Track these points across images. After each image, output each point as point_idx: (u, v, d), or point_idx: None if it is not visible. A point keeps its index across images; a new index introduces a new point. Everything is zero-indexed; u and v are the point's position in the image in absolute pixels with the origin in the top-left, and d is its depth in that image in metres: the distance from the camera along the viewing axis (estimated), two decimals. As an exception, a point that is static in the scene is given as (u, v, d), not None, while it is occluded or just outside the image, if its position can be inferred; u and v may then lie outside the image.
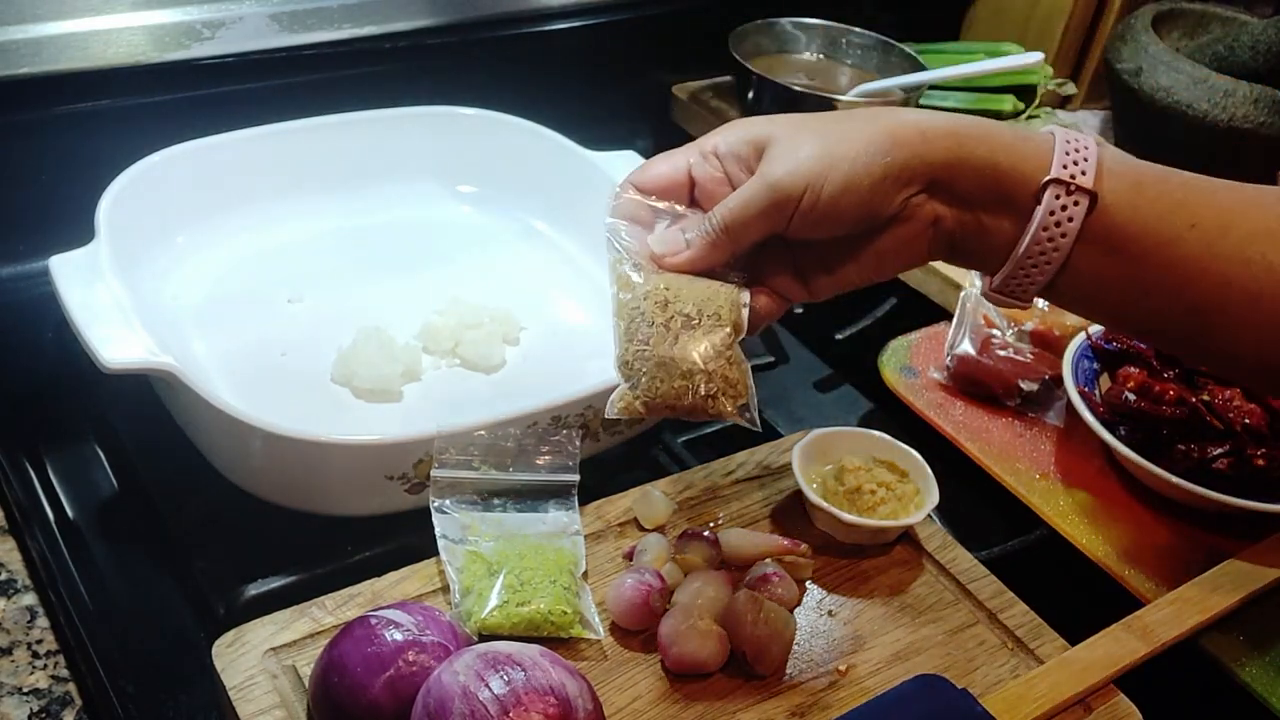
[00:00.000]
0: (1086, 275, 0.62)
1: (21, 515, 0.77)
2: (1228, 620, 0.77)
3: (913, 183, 0.61)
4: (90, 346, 0.75)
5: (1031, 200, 0.61)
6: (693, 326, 0.63)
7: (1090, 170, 0.61)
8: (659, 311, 0.63)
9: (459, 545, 0.71)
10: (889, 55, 1.27)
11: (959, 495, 0.84)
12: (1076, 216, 0.60)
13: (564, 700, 0.58)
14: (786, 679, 0.69)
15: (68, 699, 0.63)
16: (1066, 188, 0.60)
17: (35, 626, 0.66)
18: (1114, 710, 0.70)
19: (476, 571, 0.70)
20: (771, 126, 0.63)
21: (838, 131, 0.61)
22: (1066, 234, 0.61)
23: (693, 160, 0.66)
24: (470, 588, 0.69)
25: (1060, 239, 0.61)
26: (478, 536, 0.72)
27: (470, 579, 0.69)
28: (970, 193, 0.62)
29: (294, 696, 0.64)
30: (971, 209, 0.62)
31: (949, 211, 0.62)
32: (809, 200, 0.60)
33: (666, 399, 0.63)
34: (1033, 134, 0.63)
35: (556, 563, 0.70)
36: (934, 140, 0.61)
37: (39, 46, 0.93)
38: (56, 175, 0.99)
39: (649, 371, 0.63)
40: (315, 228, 1.04)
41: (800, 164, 0.60)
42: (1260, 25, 1.28)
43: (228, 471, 0.80)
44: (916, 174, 0.61)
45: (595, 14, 1.21)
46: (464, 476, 0.74)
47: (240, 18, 1.01)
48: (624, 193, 0.67)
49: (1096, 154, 0.61)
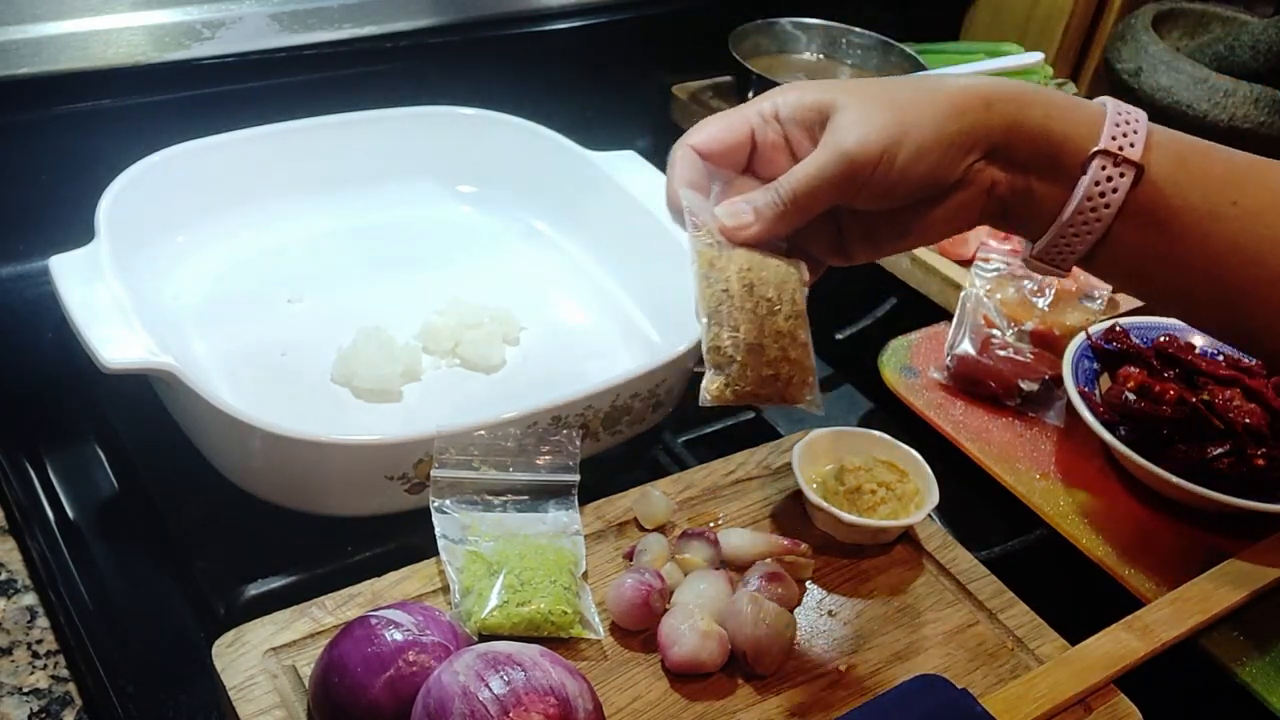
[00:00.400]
0: (1126, 247, 0.62)
1: (21, 515, 0.77)
2: (1228, 620, 0.77)
3: (975, 149, 0.60)
4: (90, 346, 0.75)
5: (1079, 169, 0.61)
6: (775, 312, 0.61)
7: (1139, 143, 0.60)
8: (747, 295, 0.61)
9: (459, 545, 0.71)
10: (889, 55, 1.27)
11: (959, 495, 0.84)
12: (1121, 188, 0.60)
13: (564, 700, 0.58)
14: (786, 679, 0.69)
15: (68, 699, 0.63)
16: (1114, 159, 0.60)
17: (35, 626, 0.66)
18: (1114, 710, 0.70)
19: (476, 571, 0.70)
20: (836, 92, 0.62)
21: (904, 98, 0.60)
22: (1110, 205, 0.60)
23: (755, 123, 0.63)
24: (470, 588, 0.69)
25: (1104, 210, 0.61)
26: (478, 536, 0.72)
27: (470, 579, 0.69)
28: (1025, 158, 0.61)
29: (294, 696, 0.64)
30: (1025, 173, 0.62)
31: (1004, 176, 0.62)
32: (883, 169, 0.59)
33: (755, 388, 0.61)
34: (1085, 102, 0.63)
35: (557, 563, 0.70)
36: (996, 106, 0.60)
37: (39, 46, 0.93)
38: (56, 175, 0.99)
39: (741, 359, 0.60)
40: (315, 228, 1.04)
41: (873, 131, 0.59)
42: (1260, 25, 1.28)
43: (228, 471, 0.80)
44: (979, 140, 0.60)
45: (595, 14, 1.21)
46: (464, 476, 0.74)
47: (240, 18, 1.01)
48: (681, 156, 0.64)
49: (1146, 126, 0.61)
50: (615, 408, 0.83)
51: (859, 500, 0.78)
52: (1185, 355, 0.91)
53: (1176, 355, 0.91)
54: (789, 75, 1.25)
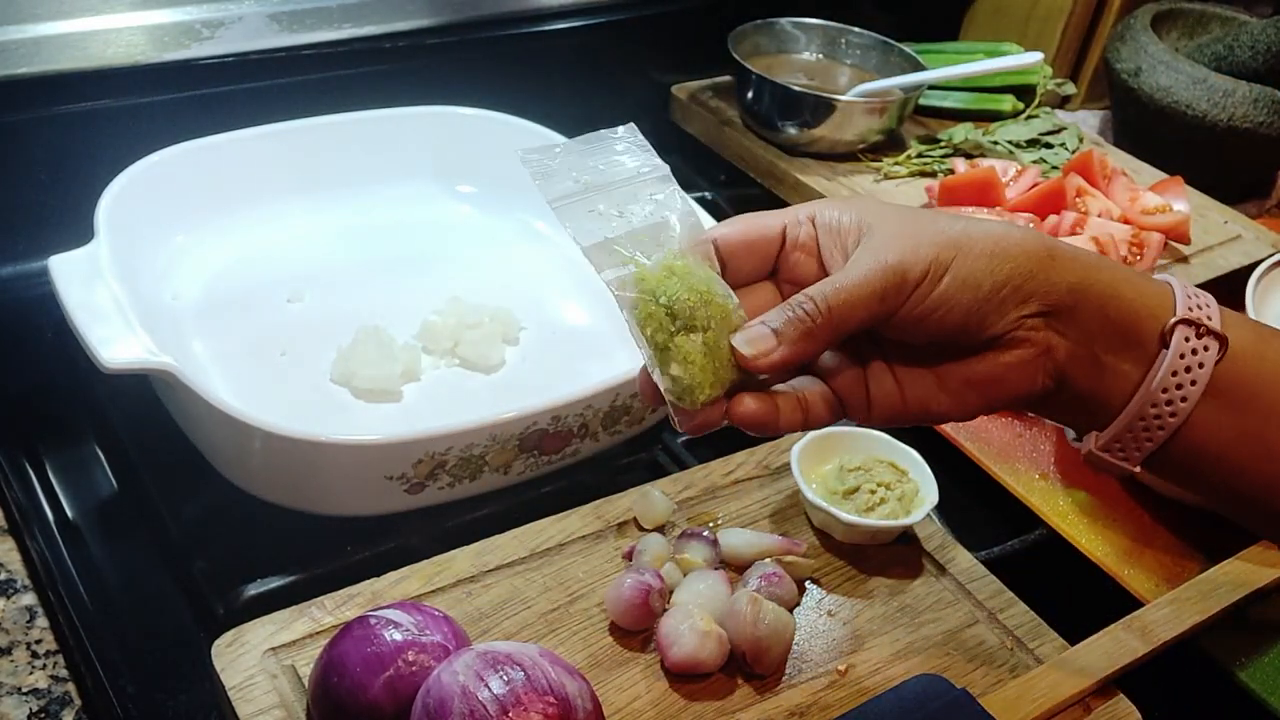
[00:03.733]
0: (1206, 434, 0.54)
1: (21, 515, 0.77)
2: (1227, 620, 0.77)
3: (1032, 299, 0.53)
4: (89, 346, 0.75)
5: (1156, 341, 0.54)
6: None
7: (1215, 314, 0.54)
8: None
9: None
10: (888, 55, 1.27)
11: (959, 495, 0.84)
12: (1207, 362, 0.53)
13: (563, 700, 0.58)
14: (786, 679, 0.69)
15: (67, 699, 0.63)
16: (1197, 329, 0.54)
17: (35, 626, 0.66)
18: (1114, 710, 0.70)
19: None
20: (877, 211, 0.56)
21: (955, 226, 0.55)
22: (1196, 381, 0.53)
23: (788, 220, 0.57)
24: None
25: (1190, 386, 0.53)
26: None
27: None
28: (1092, 325, 0.54)
29: (293, 696, 0.64)
30: (1089, 343, 0.54)
31: (1064, 343, 0.54)
32: (925, 288, 0.53)
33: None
34: (1148, 274, 0.57)
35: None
36: (1061, 261, 0.54)
37: (38, 46, 0.93)
38: (56, 175, 0.98)
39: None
40: (314, 227, 1.04)
41: (921, 246, 0.53)
42: (1260, 25, 1.28)
43: (227, 471, 0.80)
44: (1037, 291, 0.53)
45: (595, 14, 1.21)
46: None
47: (240, 18, 1.01)
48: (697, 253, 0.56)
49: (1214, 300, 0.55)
50: (615, 408, 0.83)
51: (858, 500, 0.78)
52: (1185, 355, 0.91)
53: (1176, 355, 0.91)
54: (789, 75, 1.25)
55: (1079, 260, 0.55)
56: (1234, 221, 1.21)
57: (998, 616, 0.75)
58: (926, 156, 1.22)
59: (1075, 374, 0.55)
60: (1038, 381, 0.55)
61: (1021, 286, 0.53)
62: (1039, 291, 0.53)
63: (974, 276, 0.53)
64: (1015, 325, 0.54)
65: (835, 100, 1.17)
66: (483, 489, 0.82)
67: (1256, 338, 0.55)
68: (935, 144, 1.25)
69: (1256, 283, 1.06)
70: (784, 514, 0.81)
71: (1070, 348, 0.54)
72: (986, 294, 0.53)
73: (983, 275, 0.53)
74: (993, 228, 0.54)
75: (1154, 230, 1.09)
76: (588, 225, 0.54)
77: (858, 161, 1.21)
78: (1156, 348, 0.54)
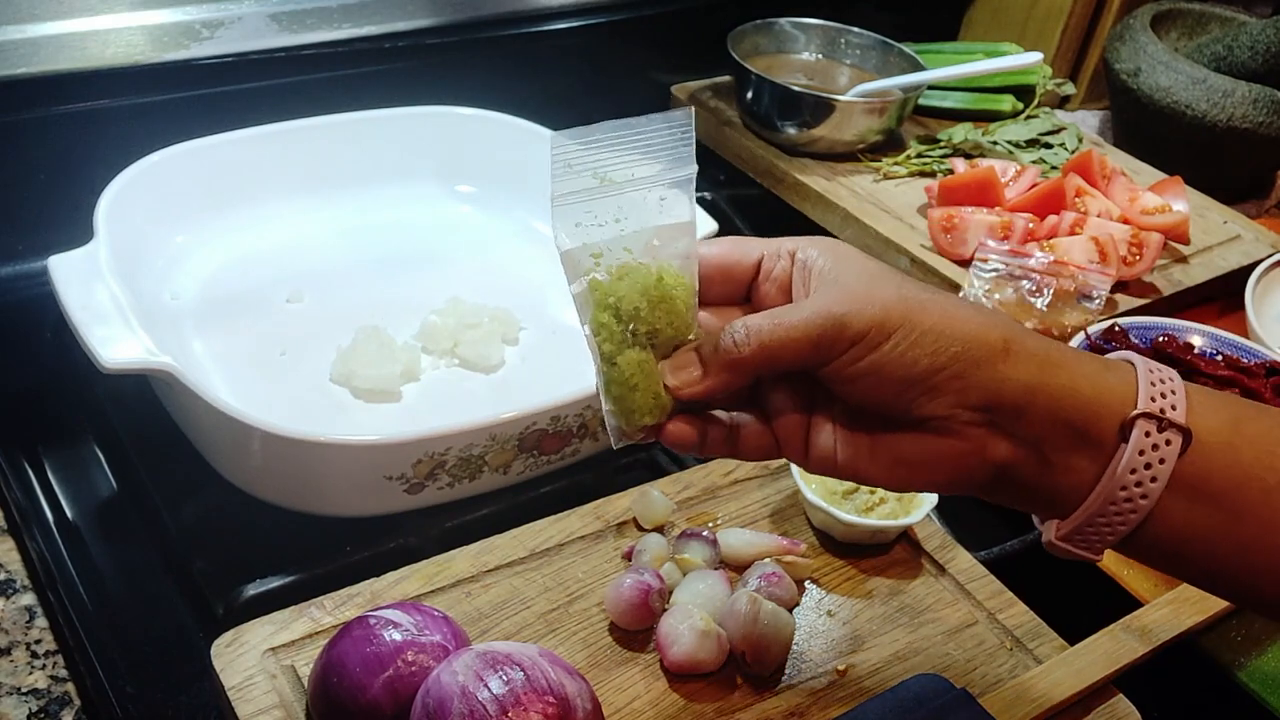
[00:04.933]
0: (1174, 527, 0.52)
1: (20, 515, 0.77)
2: (1227, 620, 0.77)
3: (968, 395, 0.52)
4: (89, 346, 0.75)
5: (1115, 435, 0.52)
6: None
7: (1180, 404, 0.52)
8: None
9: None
10: (888, 55, 1.27)
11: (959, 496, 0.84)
12: (1169, 458, 0.51)
13: (563, 700, 0.58)
14: (785, 679, 0.69)
15: (66, 699, 0.63)
16: (1158, 423, 0.51)
17: (34, 626, 0.66)
18: (1113, 710, 0.70)
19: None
20: (853, 259, 0.55)
21: (921, 295, 0.53)
22: (1157, 478, 0.51)
23: (766, 250, 0.56)
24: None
25: (1149, 483, 0.51)
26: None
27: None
28: (1039, 428, 0.52)
29: (293, 696, 0.64)
30: (1036, 445, 0.53)
31: (1004, 445, 0.53)
32: (862, 349, 0.51)
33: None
34: (1113, 361, 0.55)
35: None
36: (1017, 357, 0.52)
37: (37, 46, 0.93)
38: (56, 175, 0.98)
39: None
40: (315, 227, 1.04)
41: (871, 304, 0.52)
42: (1259, 25, 1.28)
43: (227, 471, 0.80)
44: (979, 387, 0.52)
45: (595, 14, 1.21)
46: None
47: (239, 18, 1.01)
48: (686, 267, 0.56)
49: (1183, 386, 0.53)
50: (614, 408, 0.83)
51: (858, 500, 0.78)
52: (1184, 355, 0.91)
53: (1175, 355, 0.91)
54: (788, 75, 1.25)
55: (1037, 358, 0.52)
56: (1233, 221, 1.21)
57: (997, 616, 0.75)
58: (926, 156, 1.22)
59: (1019, 473, 0.53)
60: (973, 476, 0.54)
61: (963, 374, 0.51)
62: (982, 385, 0.52)
63: (911, 353, 0.51)
64: (947, 415, 0.52)
65: (835, 100, 1.17)
66: (482, 489, 0.82)
67: (1231, 427, 0.53)
68: (935, 144, 1.25)
69: (1256, 283, 1.06)
70: (784, 514, 0.81)
71: (1012, 449, 0.53)
72: (921, 374, 0.51)
73: (921, 354, 0.51)
74: (954, 307, 0.53)
75: (1153, 230, 1.09)
76: (575, 228, 0.53)
77: (857, 161, 1.21)
78: (1115, 442, 0.52)
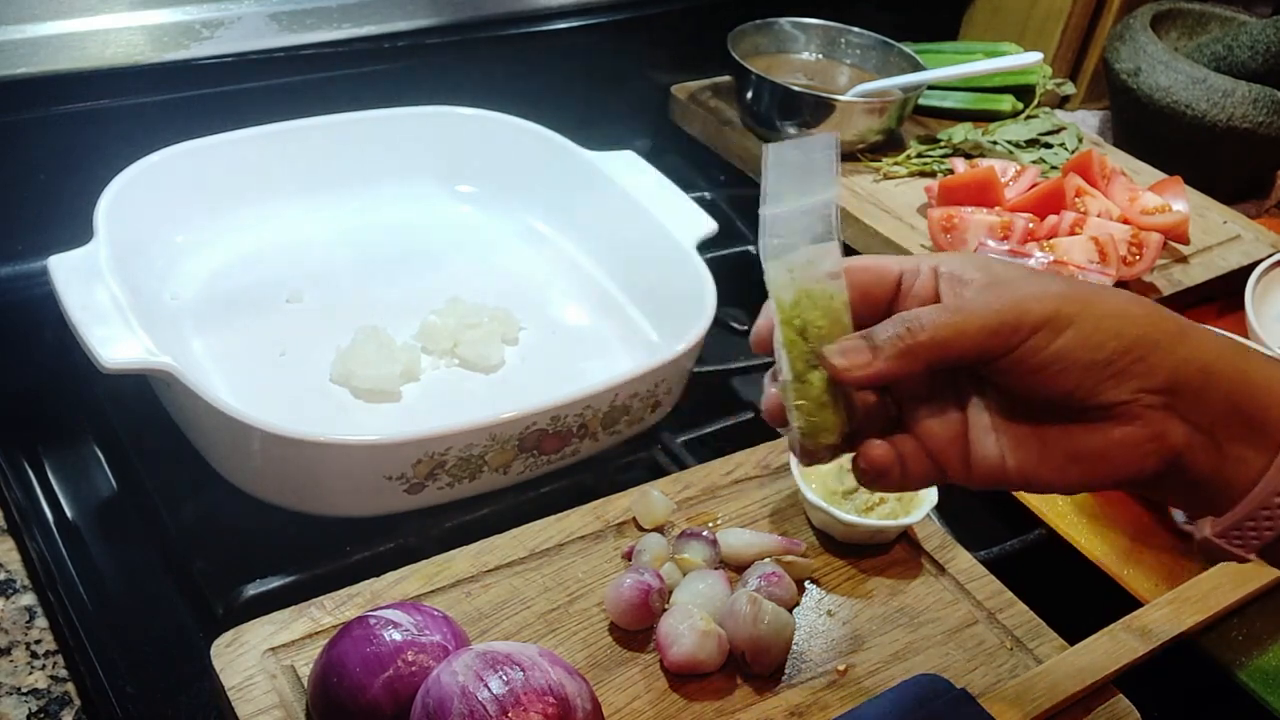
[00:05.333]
0: None
1: (20, 515, 0.77)
2: (1227, 620, 0.77)
3: (1152, 378, 0.50)
4: (89, 346, 0.75)
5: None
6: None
7: None
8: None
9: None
10: (888, 55, 1.27)
11: (958, 495, 0.84)
12: None
13: (563, 700, 0.58)
14: (785, 679, 0.69)
15: (66, 699, 0.63)
16: None
17: (34, 626, 0.66)
18: (1113, 710, 0.70)
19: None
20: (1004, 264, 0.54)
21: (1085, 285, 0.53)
22: None
23: (906, 267, 0.55)
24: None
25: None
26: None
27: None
28: (1216, 410, 0.51)
29: (293, 697, 0.64)
30: (1211, 430, 0.51)
31: (1182, 428, 0.51)
32: (1044, 337, 0.50)
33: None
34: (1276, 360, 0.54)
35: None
36: (1194, 338, 0.51)
37: (37, 46, 0.93)
38: (55, 175, 0.98)
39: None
40: (314, 228, 1.04)
41: (1046, 295, 0.51)
42: (1259, 25, 1.28)
43: (227, 472, 0.80)
44: (1163, 368, 0.50)
45: (595, 14, 1.21)
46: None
47: (239, 18, 1.01)
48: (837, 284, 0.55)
49: None
50: (614, 408, 0.83)
51: (858, 500, 0.78)
52: (1184, 355, 0.91)
53: (1175, 355, 0.91)
54: (788, 75, 1.25)
55: (1211, 341, 0.52)
56: (1233, 221, 1.21)
57: (997, 616, 0.75)
58: (926, 156, 1.22)
59: (1193, 459, 0.52)
60: (1147, 464, 0.52)
61: (1146, 357, 0.50)
62: (1165, 366, 0.50)
63: (1096, 337, 0.50)
64: (1131, 399, 0.51)
65: (835, 100, 1.17)
66: (482, 489, 0.82)
67: None
68: (935, 144, 1.25)
69: (1256, 283, 1.06)
70: (784, 514, 0.81)
71: (1189, 433, 0.51)
72: (1107, 357, 0.50)
73: (1106, 338, 0.50)
74: (1123, 294, 0.53)
75: (1153, 230, 1.09)
76: (775, 242, 0.54)
77: (857, 161, 1.21)
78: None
